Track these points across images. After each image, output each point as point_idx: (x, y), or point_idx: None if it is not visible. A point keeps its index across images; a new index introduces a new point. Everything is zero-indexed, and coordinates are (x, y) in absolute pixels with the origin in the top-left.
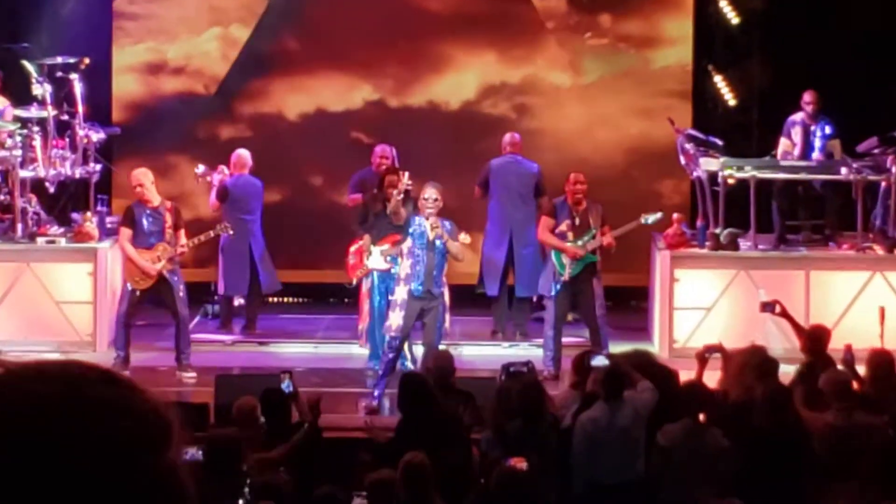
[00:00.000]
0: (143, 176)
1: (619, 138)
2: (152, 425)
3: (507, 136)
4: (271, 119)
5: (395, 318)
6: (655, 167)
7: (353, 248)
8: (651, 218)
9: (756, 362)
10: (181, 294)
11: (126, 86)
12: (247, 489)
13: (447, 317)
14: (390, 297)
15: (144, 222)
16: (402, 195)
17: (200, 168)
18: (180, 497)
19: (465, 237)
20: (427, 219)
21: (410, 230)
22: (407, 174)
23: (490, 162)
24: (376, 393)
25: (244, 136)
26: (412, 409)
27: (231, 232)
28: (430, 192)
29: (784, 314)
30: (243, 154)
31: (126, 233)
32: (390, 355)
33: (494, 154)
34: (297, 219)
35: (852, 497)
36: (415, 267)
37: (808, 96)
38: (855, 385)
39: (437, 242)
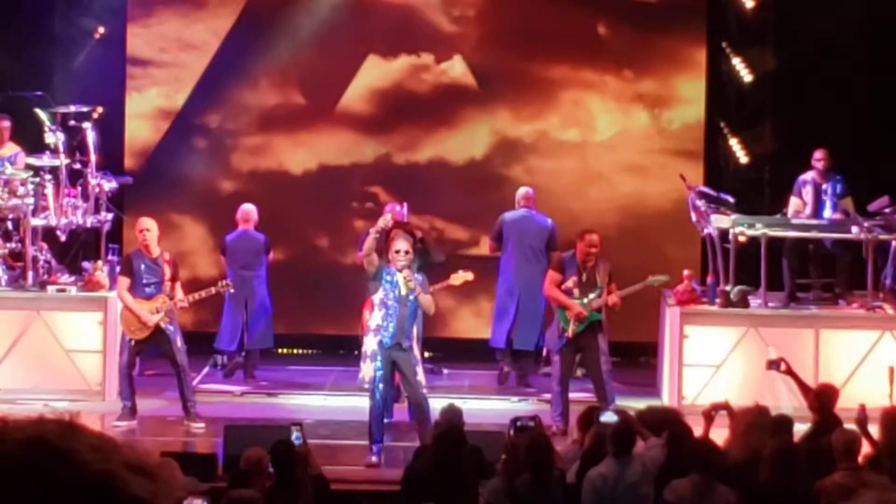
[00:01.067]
0: (150, 223)
1: (631, 195)
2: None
3: (522, 191)
4: (277, 174)
5: (367, 370)
6: (668, 224)
7: (367, 305)
8: (657, 280)
9: (762, 421)
10: (179, 344)
11: (139, 133)
12: None
13: (419, 370)
14: (363, 350)
15: (143, 272)
16: (378, 235)
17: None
18: None
19: (466, 274)
20: (400, 271)
21: (386, 280)
22: (389, 216)
23: (503, 215)
24: (374, 449)
25: (251, 190)
26: (441, 456)
27: (232, 290)
28: (401, 244)
29: (789, 372)
30: (247, 209)
31: (124, 282)
32: (373, 406)
33: (507, 208)
34: (305, 274)
35: None
36: (385, 319)
37: (818, 154)
38: (866, 445)
39: (410, 297)
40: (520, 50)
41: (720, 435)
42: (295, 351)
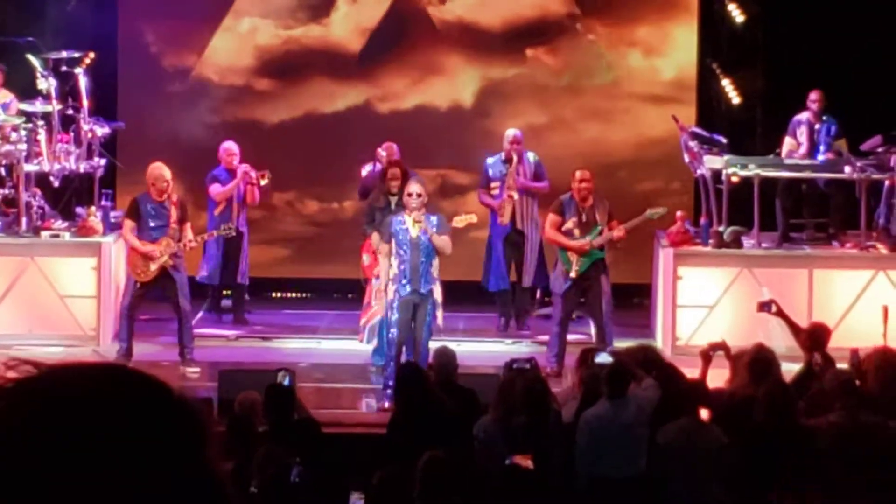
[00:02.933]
0: (160, 176)
1: (623, 136)
2: (196, 424)
3: (510, 133)
4: (261, 122)
5: (390, 318)
6: (661, 164)
7: (365, 249)
8: (656, 213)
9: (758, 360)
10: (185, 288)
11: (133, 61)
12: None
13: (439, 314)
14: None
15: (149, 215)
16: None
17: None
18: (219, 492)
19: (469, 217)
20: (410, 214)
21: (393, 229)
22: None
23: (487, 160)
24: (389, 392)
25: (237, 138)
26: (407, 401)
27: (234, 233)
28: (414, 188)
29: (780, 313)
30: (228, 146)
31: (129, 224)
32: (391, 356)
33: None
34: (297, 218)
35: (857, 497)
36: (400, 266)
37: (814, 95)
38: (860, 385)
39: (422, 239)
40: None
41: (717, 376)
42: (289, 294)
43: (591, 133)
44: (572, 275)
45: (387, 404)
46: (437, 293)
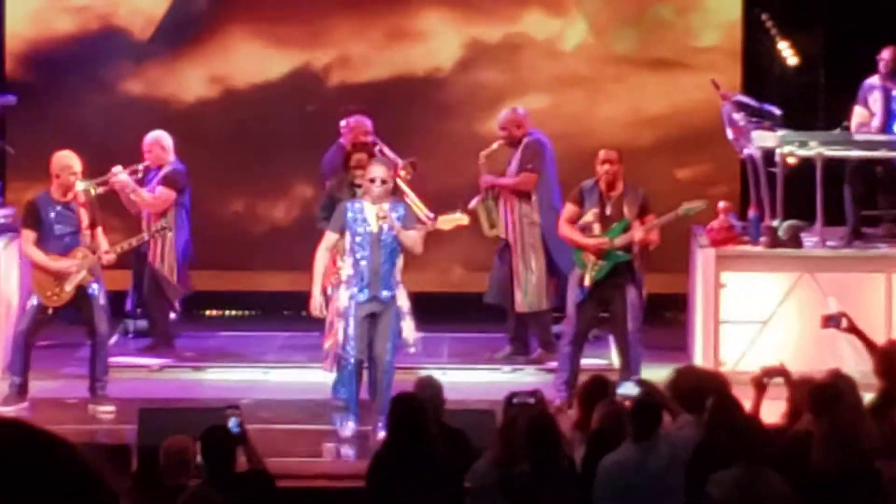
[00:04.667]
0: (73, 160)
1: (650, 109)
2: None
3: (506, 113)
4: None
5: (340, 331)
6: (697, 144)
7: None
8: (693, 208)
9: (824, 388)
10: (103, 305)
11: (21, 28)
12: None
13: (406, 325)
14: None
15: (53, 221)
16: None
17: (119, 172)
18: None
19: (459, 217)
20: (381, 202)
21: (351, 216)
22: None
23: (540, 138)
24: (351, 417)
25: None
26: (400, 441)
27: (171, 233)
28: (377, 171)
29: (853, 329)
30: (158, 135)
31: (30, 235)
32: (345, 377)
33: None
34: (235, 214)
35: None
36: (355, 266)
37: (887, 53)
38: None
39: (385, 233)
40: None
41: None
42: (227, 312)
43: (611, 107)
44: (587, 282)
45: (346, 432)
46: (403, 300)
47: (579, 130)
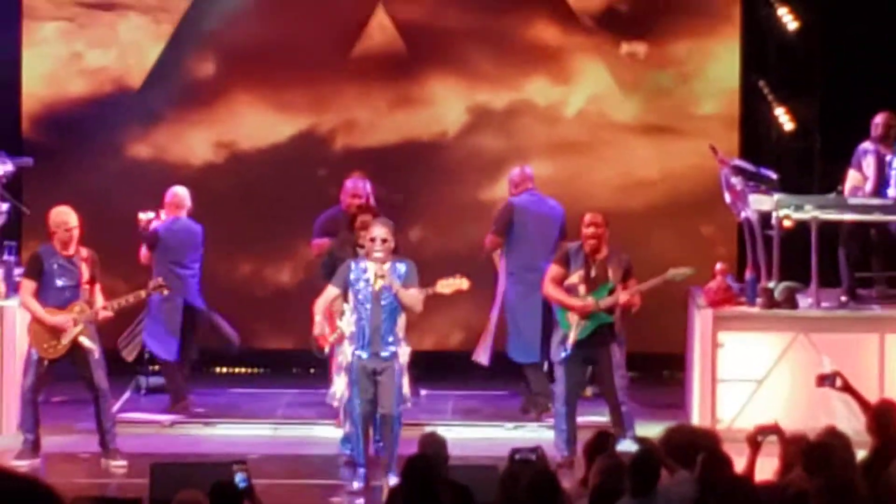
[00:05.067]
0: (72, 216)
1: (650, 172)
2: None
3: (518, 170)
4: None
5: (339, 385)
6: (696, 206)
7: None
8: (681, 274)
9: (817, 447)
10: (99, 360)
11: (37, 89)
12: None
13: (406, 382)
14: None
15: (55, 274)
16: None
17: (147, 214)
18: None
19: (459, 281)
20: (382, 261)
21: (353, 275)
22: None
23: (511, 200)
24: (359, 472)
25: (194, 164)
26: (413, 498)
27: (167, 292)
28: (379, 231)
29: (847, 388)
30: (180, 193)
31: (29, 286)
32: (358, 433)
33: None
34: (245, 275)
35: None
36: (358, 324)
37: (880, 118)
38: None
39: (385, 293)
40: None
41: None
42: (236, 370)
43: (607, 171)
44: (570, 341)
45: (356, 485)
46: (404, 356)
47: (577, 194)
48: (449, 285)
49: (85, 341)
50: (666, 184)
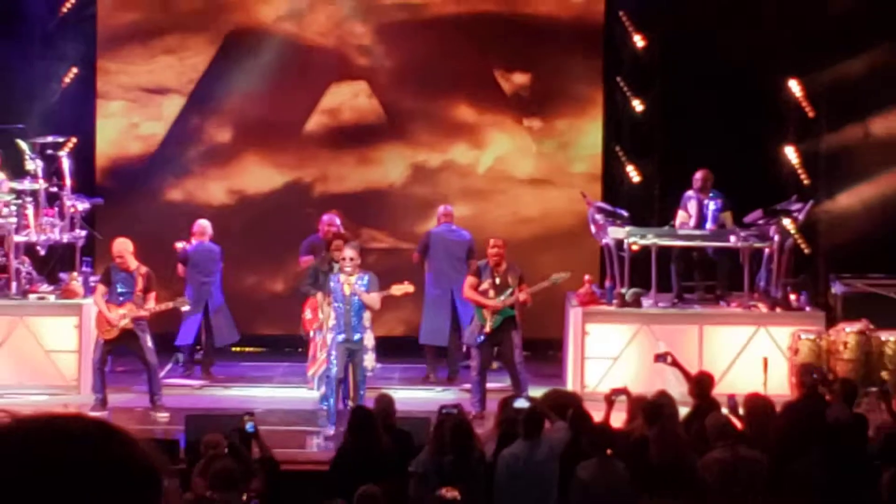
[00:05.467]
0: (122, 247)
1: (534, 212)
2: (147, 477)
3: (441, 208)
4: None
5: (327, 359)
6: (569, 237)
7: (307, 306)
8: (560, 277)
9: (652, 404)
10: (149, 345)
11: (106, 148)
12: None
13: (368, 357)
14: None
15: (118, 282)
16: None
17: (181, 243)
18: None
19: (406, 287)
20: (350, 275)
21: (331, 285)
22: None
23: (430, 231)
24: (331, 428)
25: (214, 204)
26: (357, 440)
27: (187, 307)
28: (349, 253)
29: (675, 363)
30: (203, 223)
31: (101, 289)
32: (331, 391)
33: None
34: (251, 284)
35: None
36: (336, 318)
37: (699, 174)
38: (738, 425)
39: (353, 297)
40: (432, 91)
41: (619, 418)
42: (246, 349)
43: (504, 210)
44: (486, 329)
45: (330, 431)
46: (369, 340)
47: (482, 226)
48: (399, 289)
49: (134, 328)
50: (546, 220)
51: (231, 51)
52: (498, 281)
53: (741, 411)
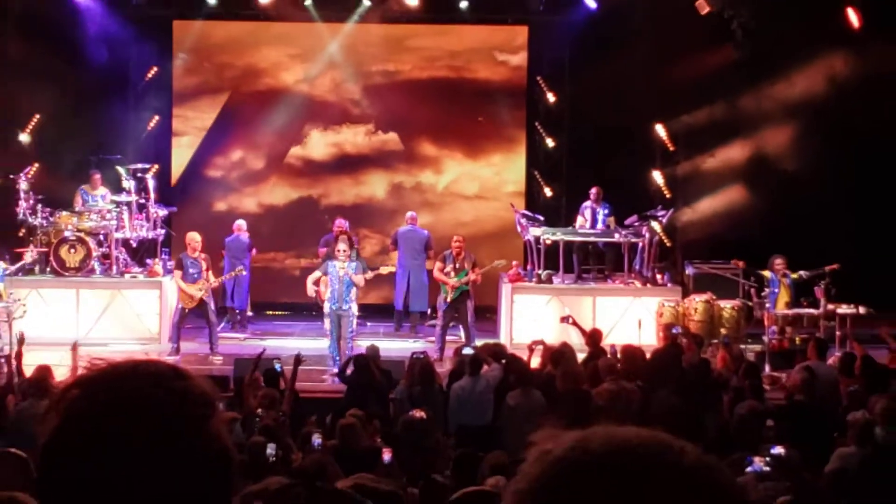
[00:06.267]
0: (193, 239)
1: (470, 219)
2: (204, 402)
3: (408, 214)
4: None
5: (326, 323)
6: (500, 236)
7: (321, 283)
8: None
9: (557, 351)
10: (212, 308)
11: (180, 168)
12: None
13: (354, 321)
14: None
15: (188, 266)
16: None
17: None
18: (224, 445)
19: (391, 267)
20: (343, 262)
21: (329, 269)
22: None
23: (397, 230)
24: (334, 362)
25: (247, 212)
26: (359, 377)
27: (245, 273)
28: (342, 245)
29: (575, 323)
30: (239, 222)
31: (178, 273)
32: (331, 343)
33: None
34: (283, 265)
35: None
36: (331, 292)
37: (593, 190)
38: (618, 366)
39: (345, 278)
40: (406, 133)
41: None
42: (277, 312)
43: (452, 217)
44: (448, 299)
45: (335, 369)
46: (353, 309)
47: (437, 227)
48: (385, 269)
49: (205, 298)
50: (482, 224)
51: (264, 103)
52: (458, 265)
53: (620, 356)
